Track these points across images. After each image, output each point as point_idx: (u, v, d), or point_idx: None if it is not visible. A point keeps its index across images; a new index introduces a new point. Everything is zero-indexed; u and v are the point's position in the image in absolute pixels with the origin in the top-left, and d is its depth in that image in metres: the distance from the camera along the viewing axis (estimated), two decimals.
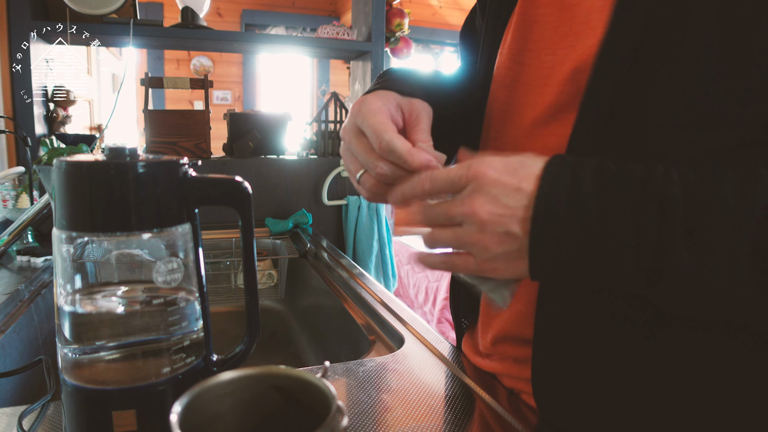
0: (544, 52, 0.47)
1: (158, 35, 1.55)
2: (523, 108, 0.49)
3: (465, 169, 0.38)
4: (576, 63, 0.43)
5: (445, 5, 4.57)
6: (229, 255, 1.39)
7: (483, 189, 0.37)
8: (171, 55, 4.31)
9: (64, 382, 0.39)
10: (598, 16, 0.42)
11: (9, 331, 0.75)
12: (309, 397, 0.31)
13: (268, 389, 0.32)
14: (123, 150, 0.38)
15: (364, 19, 1.83)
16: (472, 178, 0.38)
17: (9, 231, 0.95)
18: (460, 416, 0.51)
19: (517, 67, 0.50)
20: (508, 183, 0.37)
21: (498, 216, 0.37)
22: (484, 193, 0.37)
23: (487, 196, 0.37)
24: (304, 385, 0.32)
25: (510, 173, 0.37)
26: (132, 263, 0.39)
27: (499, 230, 0.37)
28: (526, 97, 0.49)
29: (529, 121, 0.48)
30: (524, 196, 0.36)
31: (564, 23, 0.45)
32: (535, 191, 0.36)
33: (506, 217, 0.37)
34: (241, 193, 0.42)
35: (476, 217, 0.37)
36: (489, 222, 0.37)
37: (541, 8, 0.48)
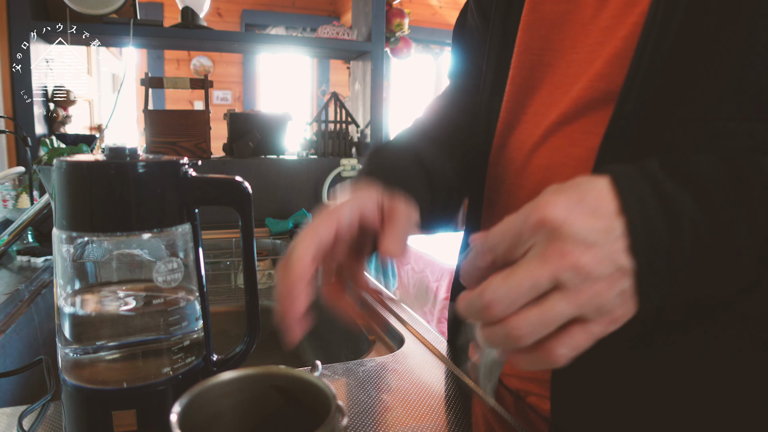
0: (570, 51, 0.46)
1: (158, 35, 1.55)
2: (548, 107, 0.48)
3: (521, 221, 0.32)
4: (609, 57, 0.42)
5: (445, 5, 4.57)
6: (229, 255, 1.39)
7: (560, 233, 0.30)
8: (171, 55, 4.31)
9: (64, 382, 0.39)
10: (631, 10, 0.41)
11: (9, 331, 0.75)
12: (309, 396, 0.31)
13: (268, 389, 0.33)
14: (123, 150, 0.38)
15: (364, 19, 1.83)
16: (538, 227, 0.31)
17: (9, 231, 0.95)
18: (460, 416, 0.51)
19: (541, 68, 0.49)
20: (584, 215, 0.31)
21: (600, 255, 0.30)
22: (566, 237, 0.30)
23: (573, 238, 0.30)
24: (303, 385, 0.32)
25: (577, 202, 0.31)
26: (132, 263, 0.39)
27: (608, 271, 0.30)
28: (551, 95, 0.48)
29: (554, 119, 0.46)
30: (609, 223, 0.31)
31: (589, 21, 0.44)
32: (618, 211, 0.31)
33: (609, 252, 0.30)
34: (241, 193, 0.42)
35: (576, 266, 0.29)
36: (594, 265, 0.30)
37: (559, 5, 0.47)
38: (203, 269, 0.43)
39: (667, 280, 0.31)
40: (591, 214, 0.31)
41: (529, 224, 0.31)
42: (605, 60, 0.42)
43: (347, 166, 1.73)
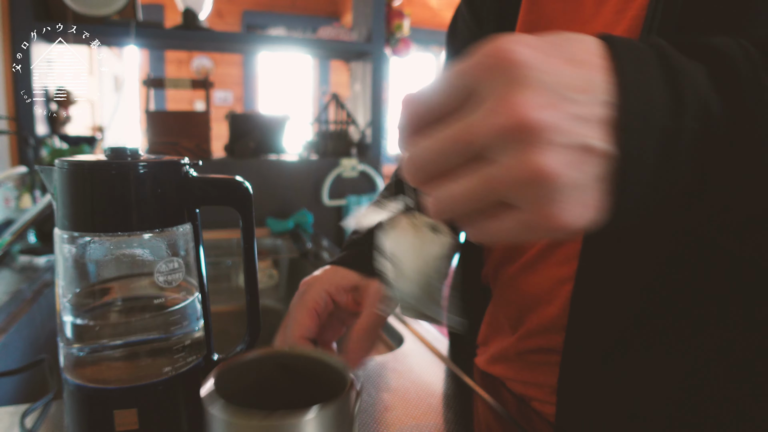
0: None
1: (159, 36, 1.56)
2: None
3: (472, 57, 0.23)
4: None
5: (445, 7, 4.57)
6: (229, 255, 1.39)
7: (520, 79, 0.21)
8: (172, 56, 4.32)
9: (65, 381, 0.39)
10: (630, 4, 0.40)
11: (11, 331, 0.75)
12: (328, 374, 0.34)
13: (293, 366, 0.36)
14: (124, 150, 0.38)
15: (365, 20, 1.83)
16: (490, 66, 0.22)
17: (11, 231, 0.95)
18: (460, 415, 0.51)
19: None
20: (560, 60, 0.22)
21: (568, 118, 0.21)
22: (525, 83, 0.21)
23: (536, 86, 0.21)
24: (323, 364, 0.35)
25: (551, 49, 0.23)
26: (133, 263, 0.39)
27: (572, 142, 0.21)
28: None
29: None
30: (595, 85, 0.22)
31: (592, 18, 0.44)
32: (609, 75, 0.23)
33: (581, 119, 0.22)
34: (241, 193, 0.42)
35: (527, 126, 0.21)
36: (553, 130, 0.21)
37: (558, 3, 0.46)
38: (204, 269, 0.43)
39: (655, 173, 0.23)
40: (569, 61, 0.22)
41: (479, 61, 0.22)
42: None
43: (347, 166, 1.74)
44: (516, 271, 0.51)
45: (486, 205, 0.23)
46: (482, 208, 0.23)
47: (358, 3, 1.89)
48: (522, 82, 0.21)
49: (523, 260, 0.50)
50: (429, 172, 0.24)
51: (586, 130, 0.22)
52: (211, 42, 1.73)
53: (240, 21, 4.42)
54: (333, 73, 4.74)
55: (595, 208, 0.23)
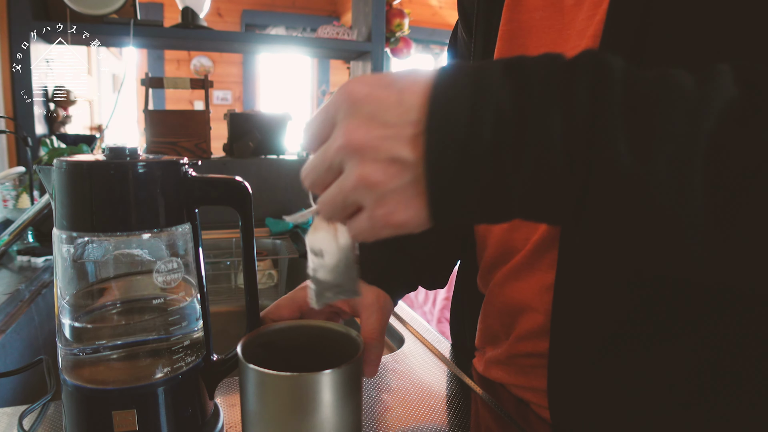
0: None
1: (159, 35, 1.55)
2: None
3: (334, 95, 0.30)
4: None
5: (445, 5, 4.57)
6: (229, 255, 1.39)
7: (354, 110, 0.28)
8: (171, 56, 4.31)
9: (64, 381, 0.39)
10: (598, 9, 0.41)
11: (9, 331, 0.75)
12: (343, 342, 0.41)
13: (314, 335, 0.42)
14: (123, 150, 0.38)
15: (364, 19, 1.83)
16: (340, 101, 0.29)
17: (9, 231, 0.95)
18: (460, 416, 0.51)
19: None
20: (384, 96, 0.28)
21: (376, 138, 0.27)
22: (358, 113, 0.28)
23: (360, 116, 0.28)
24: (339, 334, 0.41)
25: (386, 85, 0.28)
26: (132, 263, 0.39)
27: (381, 157, 0.28)
28: None
29: None
30: (409, 109, 0.27)
31: (567, 26, 0.45)
32: (424, 99, 0.27)
33: (388, 138, 0.27)
34: (241, 193, 0.42)
35: (350, 146, 0.28)
36: (366, 148, 0.28)
37: (536, 12, 0.47)
38: (203, 269, 0.43)
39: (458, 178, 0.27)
40: (395, 95, 0.28)
41: (336, 99, 0.29)
42: None
43: None
44: (503, 277, 0.51)
45: (346, 206, 0.30)
46: (346, 210, 0.31)
47: (358, 2, 1.89)
48: (351, 112, 0.28)
49: (509, 267, 0.51)
50: (312, 182, 0.31)
51: (394, 145, 0.27)
52: (211, 41, 1.73)
53: (239, 20, 4.42)
54: (333, 72, 4.74)
55: (417, 207, 0.28)
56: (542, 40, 0.47)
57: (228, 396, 0.53)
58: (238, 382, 0.36)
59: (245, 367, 0.35)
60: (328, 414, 0.35)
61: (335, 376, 0.35)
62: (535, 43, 0.47)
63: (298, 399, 0.34)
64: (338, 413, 0.35)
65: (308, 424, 0.34)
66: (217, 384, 0.45)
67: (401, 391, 0.55)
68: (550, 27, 0.46)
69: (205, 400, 0.43)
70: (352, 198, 0.29)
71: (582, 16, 0.43)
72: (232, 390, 0.54)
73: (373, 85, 0.29)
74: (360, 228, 0.30)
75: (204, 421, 0.43)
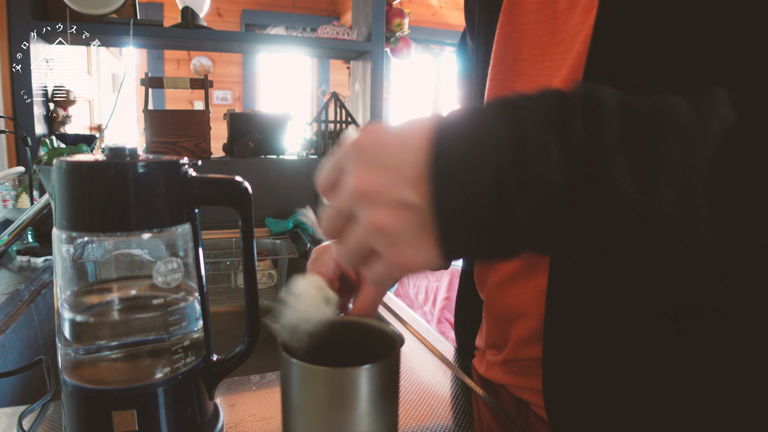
0: (541, 59, 0.47)
1: (158, 35, 1.55)
2: None
3: (343, 148, 0.31)
4: (572, 63, 0.42)
5: (445, 5, 4.57)
6: (229, 255, 1.39)
7: (361, 157, 0.29)
8: (171, 55, 4.31)
9: (64, 382, 0.39)
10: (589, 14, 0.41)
11: (9, 331, 0.75)
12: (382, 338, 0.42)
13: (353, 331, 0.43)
14: (123, 150, 0.38)
15: (364, 19, 1.83)
16: (349, 150, 0.30)
17: (9, 231, 0.95)
18: (461, 416, 0.51)
19: (513, 78, 0.49)
20: (389, 142, 0.29)
21: (382, 183, 0.28)
22: (365, 161, 0.29)
23: (366, 162, 0.29)
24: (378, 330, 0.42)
25: (391, 133, 0.30)
26: (132, 263, 0.39)
27: (388, 201, 0.28)
28: None
29: None
30: (412, 152, 0.28)
31: (559, 28, 0.45)
32: (427, 142, 0.28)
33: (392, 182, 0.28)
34: (241, 193, 0.42)
35: (359, 192, 0.29)
36: (374, 193, 0.28)
37: (530, 15, 0.48)
38: (203, 269, 0.43)
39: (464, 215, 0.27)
40: (398, 141, 0.29)
41: (346, 149, 0.31)
42: (569, 66, 0.42)
43: None
44: (499, 282, 0.52)
45: (362, 252, 0.31)
46: (361, 255, 0.31)
47: (358, 2, 1.89)
48: (359, 161, 0.30)
49: (504, 272, 0.51)
50: (328, 230, 0.32)
51: (399, 188, 0.28)
52: (211, 41, 1.73)
53: (239, 20, 4.42)
54: (333, 72, 4.74)
55: (429, 249, 0.29)
56: (535, 43, 0.47)
57: (228, 396, 0.53)
58: (280, 375, 0.38)
59: (287, 360, 0.36)
60: (366, 408, 0.36)
61: (374, 370, 0.36)
62: (528, 45, 0.48)
63: (338, 392, 0.36)
64: (376, 407, 0.36)
65: (347, 418, 0.36)
66: (217, 384, 0.45)
67: (401, 391, 0.55)
68: (544, 30, 0.47)
69: (205, 400, 0.43)
70: (366, 243, 0.30)
71: (574, 21, 0.43)
72: (232, 390, 0.54)
73: (378, 133, 0.30)
74: (377, 274, 0.31)
75: (204, 421, 0.43)
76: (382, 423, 0.37)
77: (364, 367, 0.35)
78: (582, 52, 0.41)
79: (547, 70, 0.46)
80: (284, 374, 0.37)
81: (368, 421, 0.36)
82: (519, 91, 0.48)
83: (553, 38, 0.46)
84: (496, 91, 0.51)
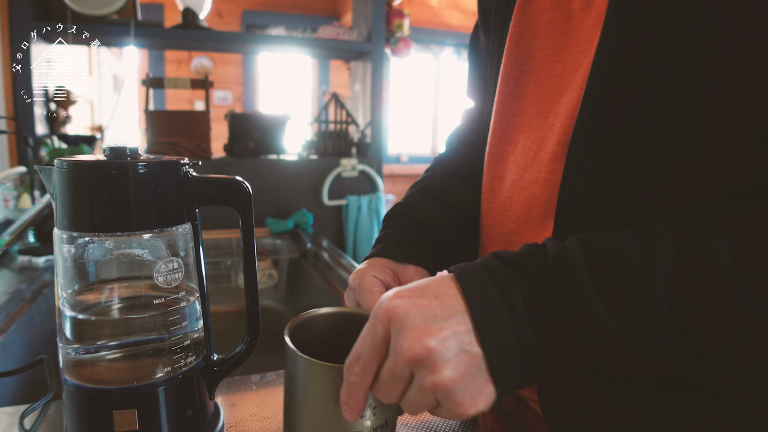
0: (553, 60, 0.46)
1: (159, 36, 1.56)
2: (535, 118, 0.48)
3: (374, 317, 0.34)
4: (589, 67, 0.41)
5: (445, 6, 4.57)
6: (229, 255, 1.39)
7: (406, 324, 0.32)
8: (171, 56, 4.31)
9: (65, 381, 0.39)
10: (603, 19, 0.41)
11: (10, 331, 0.75)
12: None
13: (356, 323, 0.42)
14: (124, 150, 0.38)
15: (364, 19, 1.83)
16: (386, 321, 0.33)
17: (10, 231, 0.95)
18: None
19: (525, 77, 0.49)
20: (426, 303, 0.33)
21: (440, 340, 0.31)
22: (411, 326, 0.32)
23: (414, 327, 0.32)
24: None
25: (420, 294, 0.34)
26: (133, 263, 0.39)
27: (450, 355, 0.32)
28: (536, 106, 0.48)
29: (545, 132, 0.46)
30: (454, 310, 0.33)
31: (573, 29, 0.45)
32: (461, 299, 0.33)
33: (449, 338, 0.32)
34: (241, 193, 0.42)
35: (418, 357, 0.31)
36: (434, 352, 0.31)
37: (544, 15, 0.47)
38: (204, 269, 0.43)
39: (516, 355, 0.32)
40: (433, 299, 0.33)
41: (379, 320, 0.33)
42: (585, 70, 0.42)
43: (347, 166, 1.74)
44: None
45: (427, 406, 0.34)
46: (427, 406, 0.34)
47: (358, 2, 1.89)
48: (403, 327, 0.32)
49: None
50: (387, 394, 0.34)
51: (460, 341, 0.32)
52: (211, 42, 1.73)
53: (240, 20, 4.42)
54: (333, 72, 4.74)
55: (488, 393, 0.33)
56: (548, 43, 0.47)
57: (228, 396, 0.53)
58: (285, 370, 0.38)
59: (293, 354, 0.37)
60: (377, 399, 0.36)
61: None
62: (541, 45, 0.48)
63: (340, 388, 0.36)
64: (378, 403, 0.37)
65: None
66: (217, 384, 0.45)
67: None
68: (557, 30, 0.47)
69: (206, 400, 0.43)
70: (431, 399, 0.33)
71: (589, 23, 0.43)
72: (232, 390, 0.54)
73: (407, 297, 0.33)
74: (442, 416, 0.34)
75: (204, 421, 0.43)
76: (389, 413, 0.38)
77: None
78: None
79: (559, 71, 0.46)
80: (290, 369, 0.38)
81: (369, 415, 0.36)
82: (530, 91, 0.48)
83: (567, 39, 0.45)
84: (508, 89, 0.51)
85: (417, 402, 0.33)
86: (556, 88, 0.46)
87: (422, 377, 0.32)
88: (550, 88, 0.47)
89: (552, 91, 0.46)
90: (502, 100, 0.52)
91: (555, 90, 0.46)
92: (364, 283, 0.48)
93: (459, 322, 0.32)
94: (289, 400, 0.39)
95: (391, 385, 0.33)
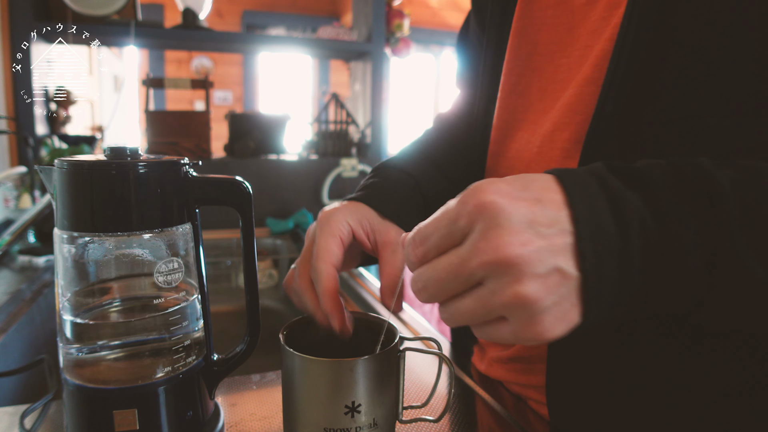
0: (558, 55, 0.46)
1: (159, 36, 1.56)
2: (540, 115, 0.48)
3: (461, 205, 0.28)
4: (596, 61, 0.41)
5: (445, 6, 4.57)
6: (229, 255, 1.39)
7: (499, 221, 0.27)
8: (172, 56, 4.32)
9: (65, 381, 0.39)
10: (615, 11, 0.41)
11: (11, 331, 0.75)
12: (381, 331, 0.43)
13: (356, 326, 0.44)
14: (124, 150, 0.38)
15: (364, 19, 1.83)
16: (476, 212, 0.28)
17: (11, 231, 0.95)
18: (461, 416, 0.51)
19: (529, 73, 0.49)
20: (528, 202, 0.28)
21: (535, 250, 0.27)
22: (504, 225, 0.27)
23: (512, 227, 0.27)
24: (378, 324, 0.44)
25: (522, 191, 0.28)
26: (133, 263, 0.39)
27: (541, 270, 0.27)
28: (541, 102, 0.48)
29: (548, 128, 0.46)
30: (556, 218, 0.28)
31: (578, 24, 0.44)
32: (566, 207, 0.28)
33: (545, 249, 0.27)
34: (241, 193, 0.42)
35: (503, 261, 0.26)
36: (524, 262, 0.26)
37: (547, 10, 0.47)
38: (204, 269, 0.43)
39: (615, 286, 0.28)
40: (535, 202, 0.28)
41: (467, 210, 0.28)
42: (592, 63, 0.42)
43: (347, 166, 1.74)
44: None
45: (487, 320, 0.29)
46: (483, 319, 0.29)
47: (358, 3, 1.89)
48: (494, 224, 0.27)
49: None
50: (433, 294, 0.30)
51: (556, 257, 0.27)
52: (211, 42, 1.73)
53: (240, 21, 4.42)
54: (333, 72, 4.74)
55: (571, 319, 0.28)
56: (552, 37, 0.47)
57: (228, 396, 0.53)
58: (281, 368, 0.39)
59: (287, 352, 0.38)
60: (364, 397, 0.37)
61: (371, 361, 0.38)
62: (545, 39, 0.47)
63: (335, 383, 0.37)
64: (375, 397, 0.38)
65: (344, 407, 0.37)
66: (217, 384, 0.45)
67: None
68: (561, 24, 0.46)
69: (206, 400, 0.43)
70: (497, 313, 0.28)
71: (595, 17, 0.43)
72: (233, 389, 0.54)
73: (505, 195, 0.28)
74: (500, 338, 0.29)
75: (204, 420, 0.43)
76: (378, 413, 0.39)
77: (362, 359, 0.37)
78: (607, 51, 0.40)
79: (564, 67, 0.46)
80: (285, 366, 0.38)
81: (365, 410, 0.37)
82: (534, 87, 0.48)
83: (571, 34, 0.45)
84: (510, 86, 0.51)
85: (474, 311, 0.28)
86: (560, 84, 0.46)
87: (501, 285, 0.27)
88: (555, 84, 0.47)
89: (557, 87, 0.46)
90: (505, 97, 0.51)
91: (559, 86, 0.46)
92: (331, 225, 0.43)
93: (559, 234, 0.27)
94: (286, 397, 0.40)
95: (447, 282, 0.29)
